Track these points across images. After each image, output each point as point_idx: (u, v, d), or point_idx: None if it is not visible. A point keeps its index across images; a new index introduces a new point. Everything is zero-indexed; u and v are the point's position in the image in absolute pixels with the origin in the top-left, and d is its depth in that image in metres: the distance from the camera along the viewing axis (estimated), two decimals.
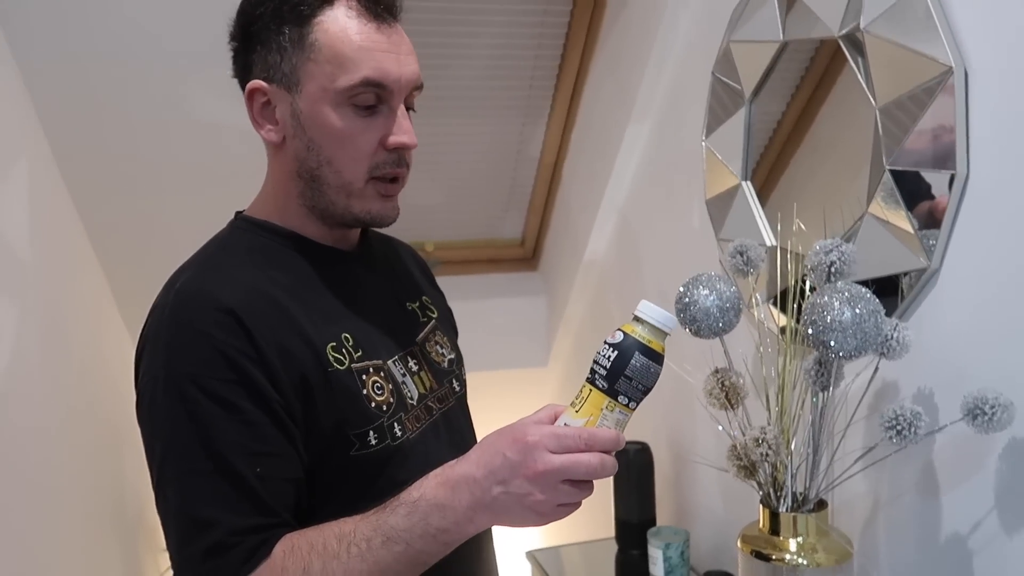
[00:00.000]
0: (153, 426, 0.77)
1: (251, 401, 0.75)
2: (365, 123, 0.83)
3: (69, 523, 1.56)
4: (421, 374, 0.93)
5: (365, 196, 0.85)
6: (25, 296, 1.47)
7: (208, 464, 0.74)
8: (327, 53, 0.81)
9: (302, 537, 0.75)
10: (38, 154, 1.62)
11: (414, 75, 0.84)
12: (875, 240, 1.05)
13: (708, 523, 1.61)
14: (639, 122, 1.77)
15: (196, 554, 0.73)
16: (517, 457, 0.70)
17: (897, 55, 0.99)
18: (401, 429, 0.86)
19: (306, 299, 0.85)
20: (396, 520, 0.72)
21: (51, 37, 1.54)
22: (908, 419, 0.90)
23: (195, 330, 0.76)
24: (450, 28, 1.91)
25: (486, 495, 0.71)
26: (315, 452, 0.80)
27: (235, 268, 0.84)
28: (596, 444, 0.70)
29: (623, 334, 0.72)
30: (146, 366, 0.79)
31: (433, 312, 1.03)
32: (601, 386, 0.72)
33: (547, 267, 2.47)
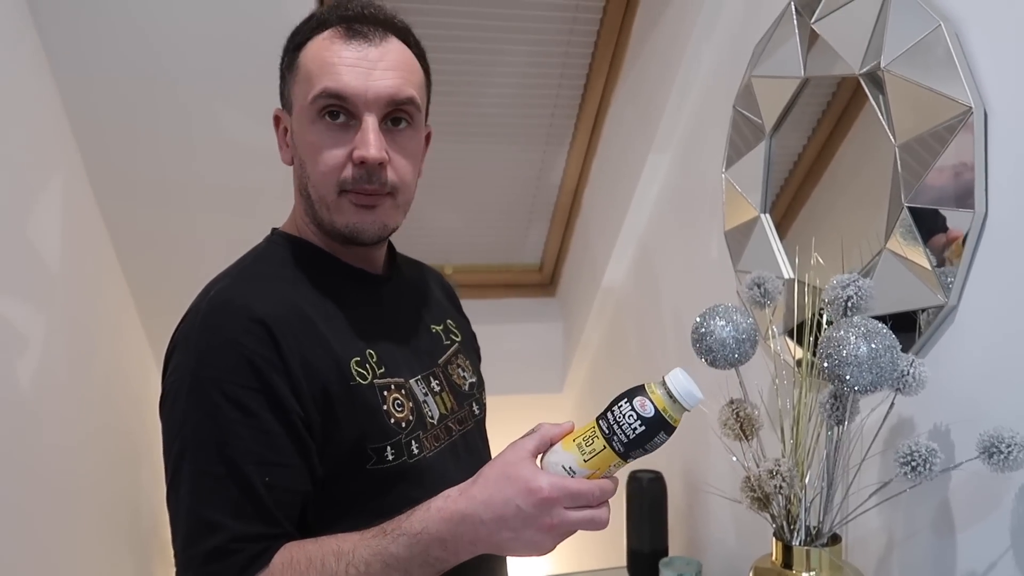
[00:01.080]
0: (174, 424, 0.79)
1: (270, 411, 0.78)
2: (335, 138, 0.85)
3: (86, 533, 1.58)
4: (443, 395, 0.95)
5: (341, 209, 0.87)
6: (53, 307, 1.50)
7: (220, 468, 0.76)
8: (302, 72, 0.87)
9: (301, 550, 0.76)
10: (71, 169, 1.66)
11: (388, 89, 0.85)
12: (893, 276, 1.05)
13: (720, 554, 1.60)
14: (660, 152, 1.79)
15: (198, 555, 0.75)
16: (532, 511, 0.71)
17: (917, 94, 1.00)
18: (419, 447, 0.87)
19: (334, 315, 0.87)
20: (397, 549, 0.74)
21: (88, 54, 1.58)
22: (923, 455, 0.89)
23: (225, 337, 0.79)
24: (474, 56, 1.94)
25: (492, 536, 0.73)
26: (332, 463, 0.82)
27: (268, 281, 0.87)
28: (606, 497, 0.74)
29: (654, 409, 0.72)
30: (174, 366, 0.81)
31: (457, 336, 1.05)
32: (618, 449, 0.73)
33: (565, 293, 2.48)
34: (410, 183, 0.91)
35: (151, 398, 0.85)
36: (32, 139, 1.49)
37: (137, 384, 1.95)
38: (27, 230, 1.41)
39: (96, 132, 1.68)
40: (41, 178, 1.50)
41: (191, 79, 1.67)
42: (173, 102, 1.70)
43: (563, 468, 0.73)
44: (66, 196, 1.59)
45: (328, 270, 0.91)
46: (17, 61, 1.44)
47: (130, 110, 1.68)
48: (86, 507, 1.60)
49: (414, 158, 0.91)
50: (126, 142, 1.73)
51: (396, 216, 0.91)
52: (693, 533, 1.71)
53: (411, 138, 0.89)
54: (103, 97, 1.65)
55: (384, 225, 0.89)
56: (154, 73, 1.64)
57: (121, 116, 1.68)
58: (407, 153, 0.89)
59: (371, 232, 0.88)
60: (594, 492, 0.72)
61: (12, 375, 1.31)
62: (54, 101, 1.58)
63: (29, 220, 1.42)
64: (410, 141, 0.89)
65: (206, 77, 1.68)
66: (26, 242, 1.41)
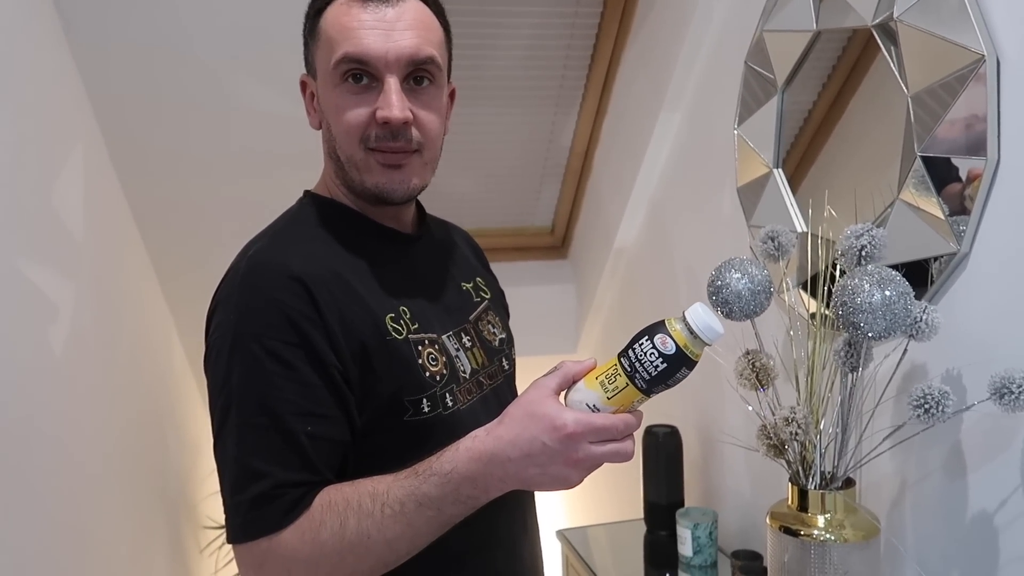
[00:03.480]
0: (218, 379, 0.82)
1: (310, 364, 0.80)
2: (358, 98, 0.87)
3: (115, 497, 1.63)
4: (474, 350, 0.97)
5: (370, 168, 0.89)
6: (80, 275, 1.53)
7: (264, 419, 0.79)
8: (324, 38, 0.88)
9: (339, 493, 0.80)
10: (90, 139, 1.68)
11: (408, 50, 0.86)
12: (906, 225, 1.07)
13: (736, 504, 1.64)
14: (671, 111, 1.80)
15: (244, 502, 0.79)
16: (557, 447, 0.74)
17: (930, 44, 1.01)
18: (452, 400, 0.90)
19: (367, 273, 0.90)
20: (429, 489, 0.77)
21: (103, 23, 1.59)
22: (936, 398, 0.92)
23: (264, 295, 0.82)
24: (485, 19, 1.94)
25: (521, 472, 0.76)
26: (370, 416, 0.85)
27: (303, 241, 0.89)
28: (630, 431, 0.76)
29: (675, 345, 0.73)
30: (216, 324, 0.84)
31: (487, 293, 1.07)
32: (640, 386, 0.74)
33: (577, 255, 2.50)
34: (436, 139, 0.92)
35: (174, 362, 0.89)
36: (51, 111, 1.51)
37: (160, 349, 1.99)
38: (52, 200, 1.44)
39: (114, 103, 1.70)
40: (62, 149, 1.53)
41: (207, 47, 1.68)
42: (189, 70, 1.71)
43: (587, 406, 0.75)
44: (87, 166, 1.62)
45: (360, 230, 0.94)
46: (33, 33, 1.46)
47: (146, 79, 1.70)
48: (115, 470, 1.65)
49: (439, 115, 0.92)
50: (143, 111, 1.74)
51: (424, 174, 0.93)
52: (708, 484, 1.75)
53: (434, 96, 0.91)
54: (120, 68, 1.66)
55: (412, 183, 0.91)
56: (169, 41, 1.65)
57: (137, 85, 1.70)
58: (432, 110, 0.90)
59: (400, 191, 0.90)
60: (618, 426, 0.75)
61: (45, 342, 1.35)
62: (71, 72, 1.60)
63: (53, 191, 1.45)
64: (433, 99, 0.91)
65: (222, 44, 1.69)
66: (52, 212, 1.43)
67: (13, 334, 1.24)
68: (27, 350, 1.29)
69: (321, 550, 0.78)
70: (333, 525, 0.78)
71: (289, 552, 0.78)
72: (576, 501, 2.66)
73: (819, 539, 1.05)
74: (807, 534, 1.05)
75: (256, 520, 0.78)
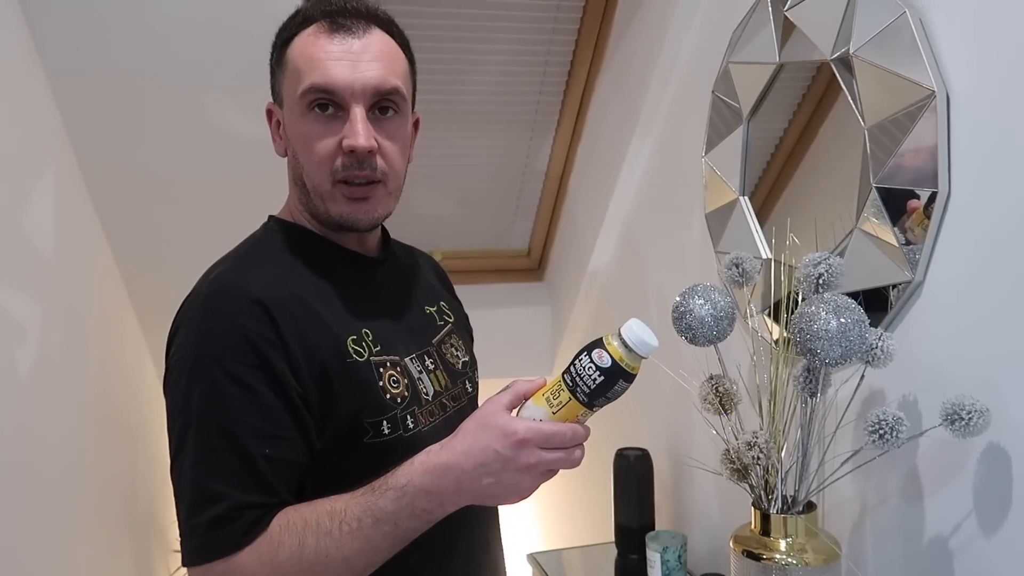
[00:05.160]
0: (177, 401, 0.83)
1: (269, 386, 0.82)
2: (325, 128, 0.89)
3: (85, 518, 1.62)
4: (437, 373, 0.99)
5: (335, 199, 0.91)
6: (49, 297, 1.53)
7: (222, 441, 0.80)
8: (291, 68, 0.90)
9: (296, 513, 0.81)
10: (64, 161, 1.68)
11: (373, 80, 0.88)
12: (864, 254, 1.10)
13: (705, 527, 1.65)
14: (643, 137, 1.83)
15: (201, 524, 0.79)
16: (509, 453, 0.76)
17: (884, 79, 1.04)
18: (414, 422, 0.91)
19: (330, 296, 0.91)
20: (385, 503, 0.78)
21: (78, 48, 1.60)
22: (890, 423, 0.94)
23: (225, 317, 0.83)
24: (461, 45, 1.97)
25: (474, 483, 0.78)
26: (330, 437, 0.86)
27: (266, 264, 0.91)
28: (578, 440, 0.78)
29: (610, 359, 0.77)
30: (177, 345, 0.85)
31: (450, 317, 1.09)
32: (582, 400, 0.78)
33: (552, 278, 2.52)
34: (400, 170, 0.94)
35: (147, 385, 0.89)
36: (24, 133, 1.51)
37: (133, 371, 1.98)
38: (22, 221, 1.44)
39: (88, 125, 1.70)
40: (34, 171, 1.53)
41: (180, 72, 1.69)
42: (163, 95, 1.72)
43: (535, 421, 0.79)
44: (59, 188, 1.62)
45: (323, 254, 0.95)
46: (7, 55, 1.46)
47: (121, 104, 1.70)
48: (85, 493, 1.63)
49: (403, 145, 0.94)
50: (118, 135, 1.75)
51: (388, 203, 0.95)
52: (679, 507, 1.76)
53: (399, 126, 0.93)
54: (94, 91, 1.67)
55: (377, 213, 0.93)
56: (144, 67, 1.66)
57: (112, 110, 1.71)
58: (396, 140, 0.92)
59: (365, 220, 0.93)
60: (566, 433, 0.77)
61: (12, 365, 1.34)
62: (45, 95, 1.60)
63: (24, 211, 1.45)
64: (398, 129, 0.93)
65: (195, 70, 1.70)
66: (22, 233, 1.43)
67: None
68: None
69: (279, 571, 0.78)
70: (291, 545, 0.78)
71: (246, 574, 0.78)
72: (548, 524, 2.66)
73: (781, 563, 1.06)
74: (769, 558, 1.07)
75: (213, 542, 0.79)
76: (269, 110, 0.97)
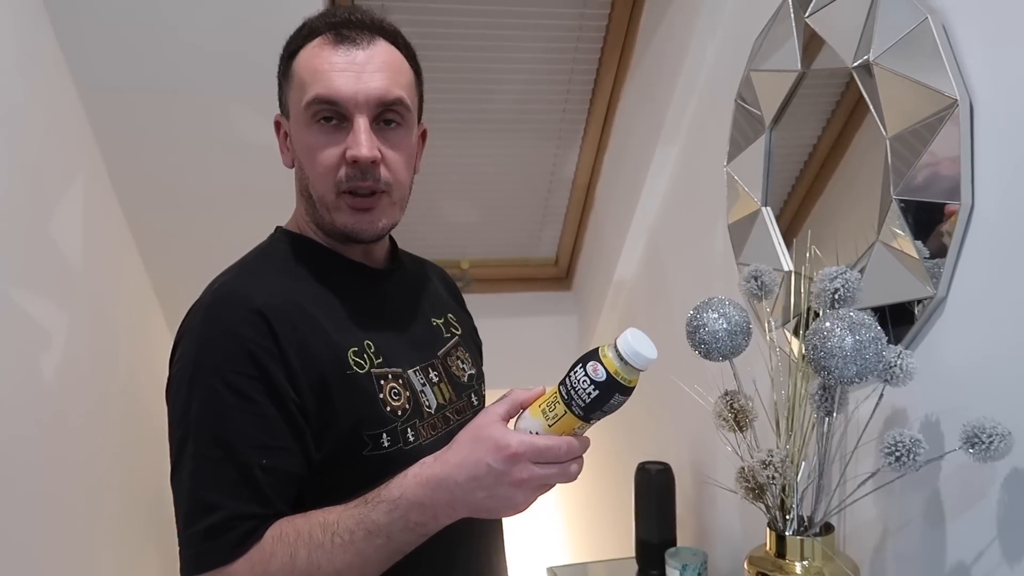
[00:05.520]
0: (177, 410, 0.83)
1: (268, 397, 0.81)
2: (329, 139, 0.89)
3: (110, 522, 1.65)
4: (441, 385, 0.98)
5: (340, 209, 0.90)
6: (76, 304, 1.56)
7: (219, 451, 0.80)
8: (296, 80, 0.90)
9: (290, 524, 0.80)
10: (94, 172, 1.72)
11: (377, 91, 0.88)
12: (885, 268, 1.06)
13: (727, 545, 1.61)
14: (667, 146, 1.80)
15: (197, 533, 0.80)
16: (502, 467, 0.75)
17: (906, 87, 1.00)
18: (415, 435, 0.90)
19: (333, 307, 0.91)
20: (377, 516, 0.77)
21: (107, 64, 1.64)
22: (907, 446, 0.90)
23: (225, 327, 0.83)
24: (487, 54, 1.97)
25: (468, 496, 0.76)
26: (329, 449, 0.85)
27: (270, 275, 0.91)
28: (574, 454, 0.76)
29: (605, 372, 0.74)
30: (179, 355, 0.86)
31: (457, 329, 1.08)
32: (577, 413, 0.76)
33: (580, 287, 2.50)
34: (404, 180, 0.94)
35: None
36: (54, 144, 1.55)
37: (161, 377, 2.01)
38: (49, 229, 1.47)
39: (118, 138, 1.74)
40: (63, 180, 1.56)
41: (206, 86, 1.72)
42: (190, 108, 1.75)
43: (531, 433, 0.76)
44: (88, 198, 1.65)
45: (329, 265, 0.95)
46: (37, 69, 1.50)
47: (150, 117, 1.74)
48: (109, 496, 1.66)
49: (408, 156, 0.94)
50: (147, 147, 1.78)
51: (393, 214, 0.94)
52: (701, 524, 1.72)
53: (403, 137, 0.92)
54: (124, 103, 1.70)
55: (381, 224, 0.93)
56: (171, 81, 1.69)
57: (141, 123, 1.74)
58: (400, 151, 0.92)
59: (369, 231, 0.92)
60: (561, 448, 0.75)
61: (36, 369, 1.37)
62: (76, 109, 1.64)
63: (51, 220, 1.48)
64: (403, 139, 0.92)
65: (222, 83, 1.73)
66: (49, 241, 1.47)
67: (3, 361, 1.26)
68: (16, 376, 1.31)
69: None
70: (283, 557, 0.78)
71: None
72: (572, 537, 2.63)
73: None
74: None
75: (208, 552, 0.79)
76: (277, 122, 0.97)
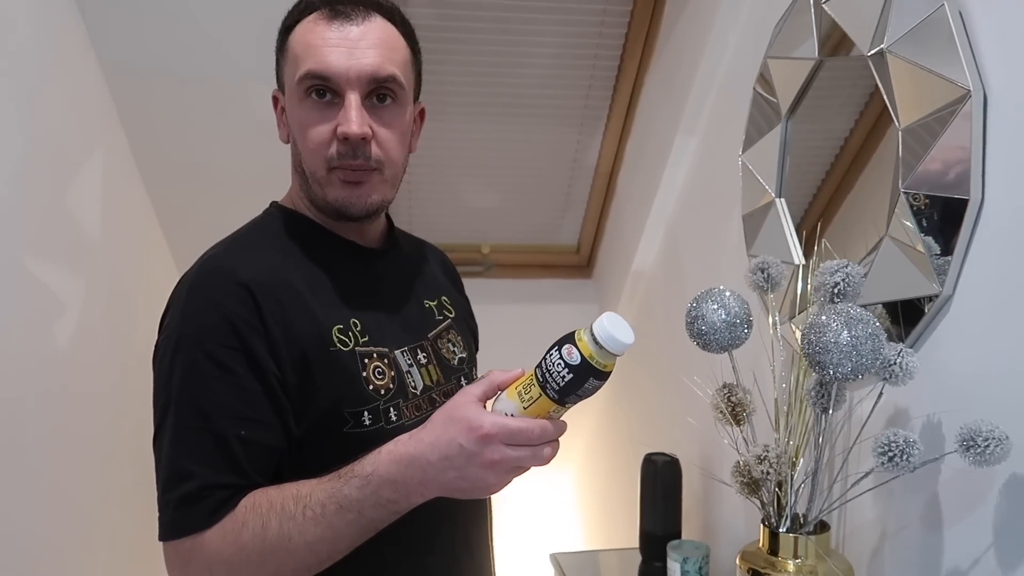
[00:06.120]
0: (161, 379, 0.85)
1: (248, 369, 0.82)
2: (320, 114, 0.88)
3: (120, 487, 1.68)
4: (429, 367, 0.97)
5: (331, 184, 0.90)
6: (93, 274, 1.59)
7: (198, 421, 0.81)
8: (291, 54, 0.91)
9: (264, 495, 0.81)
10: (116, 147, 1.75)
11: (369, 67, 0.87)
12: (891, 263, 1.03)
13: (731, 540, 1.59)
14: (687, 135, 1.77)
15: (173, 500, 0.81)
16: (473, 448, 0.74)
17: (918, 76, 0.97)
18: (397, 414, 0.90)
19: (321, 284, 0.91)
20: (349, 491, 0.77)
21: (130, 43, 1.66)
22: (901, 446, 0.88)
23: (209, 299, 0.84)
24: (510, 37, 1.95)
25: (440, 476, 0.76)
26: (309, 425, 0.86)
27: (259, 249, 0.91)
28: (548, 437, 0.75)
29: (580, 356, 0.73)
30: (165, 324, 0.87)
31: (451, 312, 1.07)
32: (552, 396, 0.75)
33: (600, 275, 2.48)
34: (397, 159, 0.93)
35: None
36: (75, 118, 1.58)
37: None
38: (67, 200, 1.50)
39: (140, 114, 1.77)
40: (82, 153, 1.59)
41: (226, 66, 1.73)
42: (209, 88, 1.77)
43: (506, 415, 0.76)
44: (109, 171, 1.68)
45: (320, 242, 0.95)
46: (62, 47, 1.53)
47: (170, 95, 1.76)
48: (121, 459, 1.69)
49: (401, 134, 0.93)
50: (169, 124, 1.81)
51: (384, 191, 0.93)
52: (707, 518, 1.70)
53: (396, 114, 0.92)
54: (145, 83, 1.73)
55: (372, 199, 0.92)
56: (192, 61, 1.71)
57: (162, 100, 1.76)
58: (392, 128, 0.91)
59: (359, 206, 0.91)
60: (534, 430, 0.74)
61: (49, 335, 1.40)
62: (100, 86, 1.67)
63: (69, 191, 1.51)
64: (395, 117, 0.92)
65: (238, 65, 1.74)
66: (65, 211, 1.49)
67: (15, 328, 1.30)
68: (30, 344, 1.34)
69: (242, 552, 0.79)
70: (255, 527, 0.79)
71: (212, 552, 0.79)
72: (583, 524, 2.63)
73: None
74: None
75: (182, 519, 0.80)
76: (274, 97, 0.98)
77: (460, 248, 2.42)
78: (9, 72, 1.33)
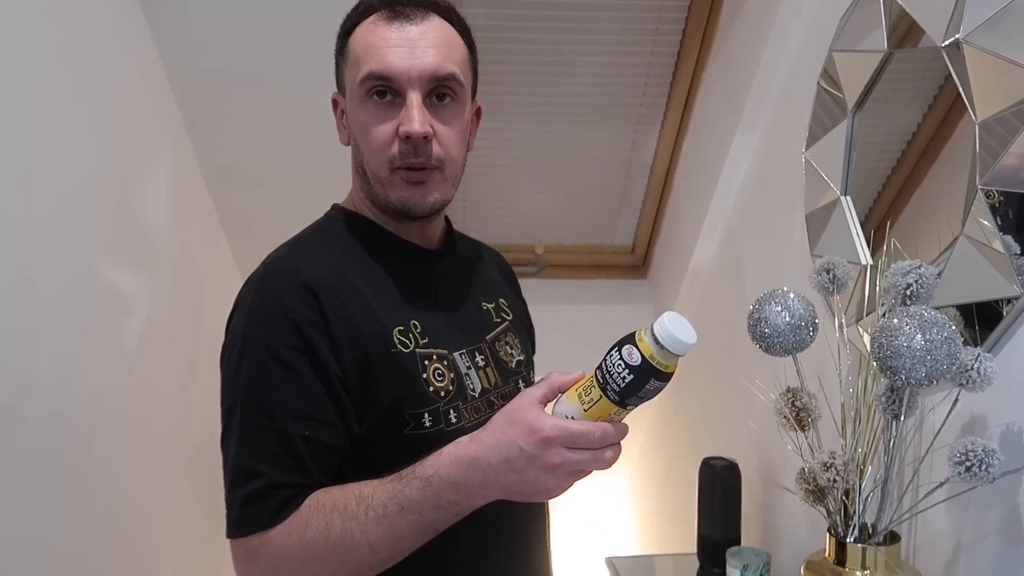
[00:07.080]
0: (228, 378, 0.86)
1: (312, 370, 0.83)
2: (382, 115, 0.89)
3: (188, 484, 1.72)
4: (487, 370, 0.97)
5: (394, 184, 0.91)
6: (160, 276, 1.63)
7: (264, 420, 0.82)
8: (351, 57, 0.91)
9: (327, 495, 0.82)
10: (181, 153, 1.79)
11: (430, 66, 0.88)
12: (968, 264, 0.98)
13: (792, 548, 1.55)
14: (747, 132, 1.73)
15: (239, 498, 0.82)
16: (534, 451, 0.73)
17: (998, 67, 0.92)
18: (457, 416, 0.90)
19: (382, 286, 0.92)
20: (411, 492, 0.77)
21: (196, 45, 1.70)
22: (979, 456, 0.84)
23: (274, 300, 0.85)
24: (565, 35, 1.94)
25: (500, 478, 0.75)
26: (371, 425, 0.87)
27: (321, 251, 0.93)
28: (609, 440, 0.74)
29: (641, 356, 0.72)
30: (232, 325, 0.89)
31: (508, 314, 1.07)
32: (613, 398, 0.73)
33: (656, 276, 2.44)
34: (457, 157, 0.93)
35: None
36: (142, 125, 1.63)
37: None
38: (134, 203, 1.54)
39: (205, 122, 1.81)
40: (149, 160, 1.63)
41: (291, 74, 1.75)
42: (275, 96, 1.79)
43: (566, 418, 0.75)
44: (175, 178, 1.73)
45: (381, 243, 0.96)
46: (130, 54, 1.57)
47: (235, 102, 1.79)
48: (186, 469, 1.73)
49: (460, 132, 0.93)
50: (231, 130, 1.84)
51: (446, 189, 0.94)
52: (767, 524, 1.66)
53: (456, 113, 0.92)
54: (211, 90, 1.76)
55: (433, 198, 0.92)
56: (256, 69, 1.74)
57: (226, 107, 1.80)
58: (452, 127, 0.91)
59: (421, 205, 0.92)
60: (595, 433, 0.73)
61: (118, 334, 1.44)
62: (166, 92, 1.71)
63: (136, 194, 1.55)
64: (455, 116, 0.92)
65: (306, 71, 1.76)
66: (133, 214, 1.54)
67: (86, 327, 1.34)
68: (97, 344, 1.38)
69: (307, 550, 0.80)
70: (319, 526, 0.80)
71: (277, 550, 0.80)
72: (640, 528, 2.59)
73: None
74: None
75: (248, 517, 0.81)
76: (334, 100, 0.98)
77: (514, 248, 2.41)
78: (81, 78, 1.38)
